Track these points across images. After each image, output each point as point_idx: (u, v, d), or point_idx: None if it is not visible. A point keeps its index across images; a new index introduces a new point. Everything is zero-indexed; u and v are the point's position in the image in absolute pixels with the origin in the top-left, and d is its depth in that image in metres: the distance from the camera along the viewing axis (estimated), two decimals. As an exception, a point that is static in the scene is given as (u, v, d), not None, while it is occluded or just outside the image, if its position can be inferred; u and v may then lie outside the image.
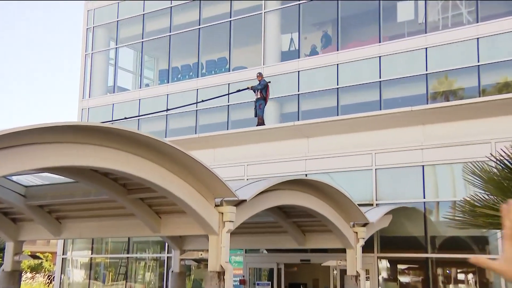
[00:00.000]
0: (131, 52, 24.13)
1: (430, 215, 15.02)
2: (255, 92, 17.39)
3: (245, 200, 9.95)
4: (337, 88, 17.66)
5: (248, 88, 17.44)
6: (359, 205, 13.11)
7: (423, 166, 15.01)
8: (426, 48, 16.24)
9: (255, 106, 17.40)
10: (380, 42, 17.02)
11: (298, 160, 16.92)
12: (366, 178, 15.73)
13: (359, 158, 15.91)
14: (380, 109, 16.41)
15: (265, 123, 17.52)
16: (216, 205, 9.68)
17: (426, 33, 16.47)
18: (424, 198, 14.97)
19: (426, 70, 16.10)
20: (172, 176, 8.97)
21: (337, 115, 17.19)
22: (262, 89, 17.17)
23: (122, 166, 8.28)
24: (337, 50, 17.89)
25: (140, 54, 22.99)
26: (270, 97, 17.63)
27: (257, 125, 17.38)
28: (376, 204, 15.29)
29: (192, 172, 9.19)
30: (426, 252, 14.74)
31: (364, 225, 13.32)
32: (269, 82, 17.59)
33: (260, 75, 17.47)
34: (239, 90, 17.92)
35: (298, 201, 11.64)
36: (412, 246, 15.04)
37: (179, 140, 17.79)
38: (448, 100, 15.62)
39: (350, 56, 17.48)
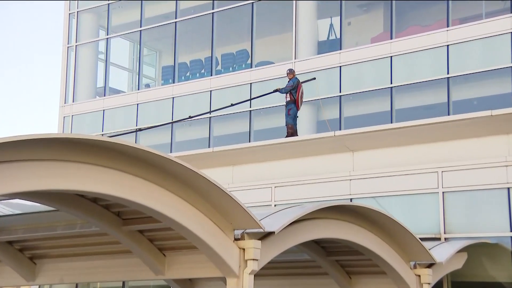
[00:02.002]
0: (127, 44, 24.33)
1: (521, 253, 14.78)
2: (286, 94, 17.38)
3: (273, 233, 9.90)
4: (391, 87, 17.56)
5: (277, 90, 17.40)
6: (422, 239, 12.93)
7: (508, 188, 14.79)
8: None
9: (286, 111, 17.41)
10: (448, 26, 16.89)
11: (340, 180, 16.84)
12: (430, 204, 15.56)
13: (421, 178, 15.76)
14: (449, 114, 16.26)
15: (297, 134, 17.48)
16: (236, 239, 9.65)
17: (512, 12, 16.34)
18: (511, 231, 14.75)
19: (513, 62, 15.97)
20: (179, 202, 8.96)
21: (391, 122, 17.05)
22: (292, 89, 17.12)
23: (116, 189, 8.28)
24: (391, 38, 17.82)
25: (138, 46, 23.17)
26: (304, 99, 17.58)
27: (286, 136, 17.35)
28: (445, 239, 15.11)
29: (205, 196, 9.17)
30: (516, 304, 14.50)
31: (430, 266, 13.12)
32: (314, 78, 17.44)
33: (291, 72, 17.44)
34: (276, 91, 17.86)
35: (341, 233, 11.55)
36: (496, 295, 14.78)
37: (189, 156, 17.83)
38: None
39: (407, 46, 17.39)
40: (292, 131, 17.37)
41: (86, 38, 24.04)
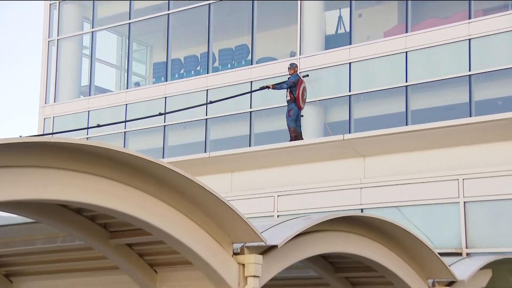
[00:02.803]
0: (114, 38, 24.34)
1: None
2: (286, 93, 17.37)
3: (276, 246, 9.88)
4: (406, 86, 17.56)
5: (267, 87, 17.41)
6: (441, 254, 12.90)
7: (537, 198, 14.82)
8: (540, 25, 16.11)
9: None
10: (470, 18, 16.89)
11: (350, 189, 16.85)
12: (450, 215, 15.57)
13: (440, 186, 15.76)
14: (471, 115, 16.25)
15: (302, 137, 17.46)
16: (235, 253, 9.63)
17: (541, 2, 16.40)
18: (543, 246, 14.77)
19: (542, 58, 15.98)
20: (172, 212, 8.94)
21: (406, 125, 17.04)
22: (292, 87, 17.09)
23: (102, 199, 8.26)
24: (406, 31, 17.82)
25: (127, 40, 23.17)
26: (311, 99, 17.55)
27: (290, 140, 17.34)
28: (467, 254, 15.13)
29: (200, 206, 9.16)
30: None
31: (450, 284, 13.10)
32: (307, 75, 17.45)
33: (292, 67, 17.41)
34: (263, 88, 17.85)
35: (350, 247, 11.53)
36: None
37: (183, 162, 17.84)
38: None
39: (425, 40, 17.39)
40: (295, 135, 17.34)
41: (69, 31, 24.05)
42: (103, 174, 8.27)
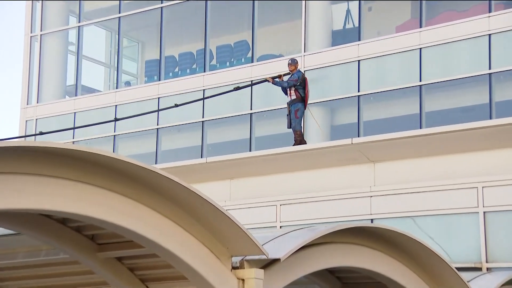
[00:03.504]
0: (103, 33, 24.33)
1: None
2: (285, 92, 17.33)
3: (279, 260, 9.88)
4: (420, 85, 17.56)
5: (266, 80, 17.44)
6: (459, 269, 12.91)
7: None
8: None
9: (289, 112, 17.35)
10: (490, 11, 16.90)
11: (359, 197, 16.86)
12: (469, 226, 15.57)
13: (457, 194, 15.76)
14: (491, 118, 16.26)
15: (306, 141, 17.47)
16: (234, 268, 9.65)
17: None
18: None
19: None
20: (166, 223, 8.94)
21: (420, 128, 17.04)
22: (297, 85, 17.08)
23: (89, 208, 8.25)
24: (420, 26, 17.83)
25: (117, 36, 23.18)
26: (317, 100, 17.56)
27: (294, 144, 17.34)
28: (487, 269, 15.11)
29: (196, 217, 9.17)
30: None
31: (468, 301, 13.11)
32: (238, 88, 17.54)
33: (293, 63, 17.39)
34: (237, 88, 17.83)
35: (359, 261, 11.54)
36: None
37: (177, 168, 17.84)
38: None
39: (440, 36, 17.41)
40: (301, 139, 17.36)
41: (53, 26, 24.08)
42: (91, 181, 8.27)
